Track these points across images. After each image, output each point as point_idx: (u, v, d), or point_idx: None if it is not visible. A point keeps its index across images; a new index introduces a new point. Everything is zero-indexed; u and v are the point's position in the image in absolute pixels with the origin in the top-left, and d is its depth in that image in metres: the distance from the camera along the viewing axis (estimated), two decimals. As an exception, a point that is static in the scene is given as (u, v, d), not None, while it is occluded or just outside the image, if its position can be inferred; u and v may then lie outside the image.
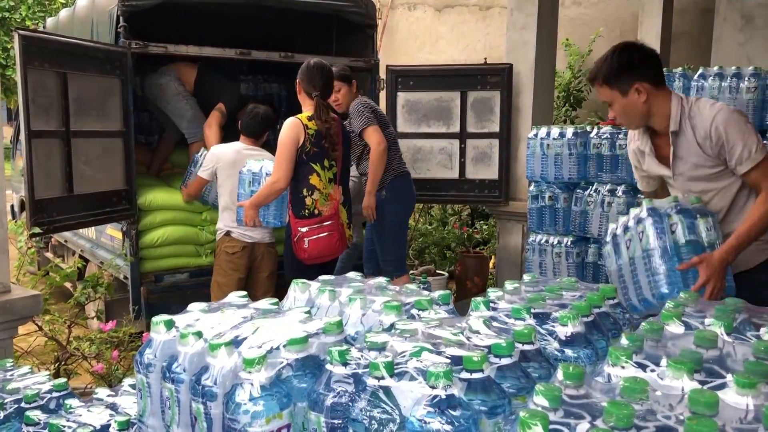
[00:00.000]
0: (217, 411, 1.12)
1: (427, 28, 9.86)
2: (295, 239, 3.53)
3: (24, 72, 3.65)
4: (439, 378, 1.00)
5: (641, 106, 2.45)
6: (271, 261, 4.22)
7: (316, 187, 3.53)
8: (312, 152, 3.52)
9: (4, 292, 2.33)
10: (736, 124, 2.34)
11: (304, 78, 3.64)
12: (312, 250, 3.52)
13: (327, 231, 3.53)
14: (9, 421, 1.75)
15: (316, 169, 3.54)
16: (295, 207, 3.57)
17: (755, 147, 2.31)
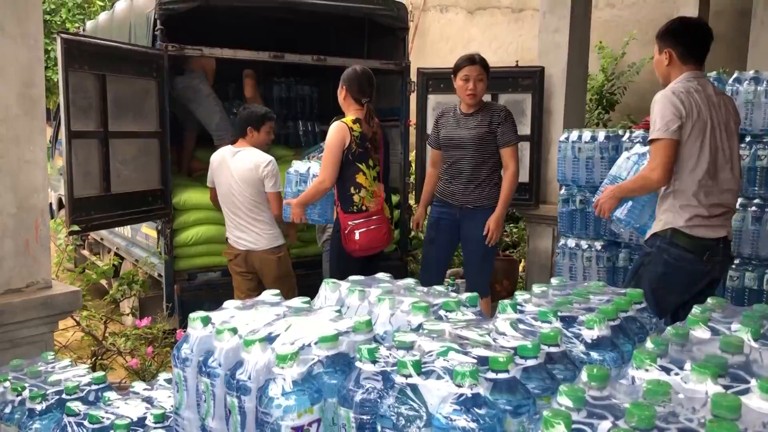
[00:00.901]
0: (250, 405, 1.16)
1: (458, 31, 9.86)
2: (346, 232, 3.75)
3: (65, 74, 3.76)
4: (465, 377, 1.03)
5: (664, 68, 2.97)
6: (271, 266, 4.07)
7: (363, 185, 3.76)
8: (357, 153, 3.74)
9: (45, 288, 2.41)
10: (660, 103, 2.83)
11: (353, 85, 3.82)
12: (362, 242, 3.75)
13: (375, 224, 3.81)
14: (51, 411, 1.82)
15: (362, 168, 3.76)
16: (344, 204, 3.78)
17: (657, 126, 2.80)
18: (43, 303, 2.36)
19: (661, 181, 2.82)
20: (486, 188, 3.97)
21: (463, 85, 3.92)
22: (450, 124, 4.05)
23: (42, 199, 2.40)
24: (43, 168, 2.41)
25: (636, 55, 7.29)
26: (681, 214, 2.81)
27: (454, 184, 4.01)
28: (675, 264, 2.83)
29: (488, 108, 4.00)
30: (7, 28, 2.27)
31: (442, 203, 4.10)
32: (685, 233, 2.81)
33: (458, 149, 3.98)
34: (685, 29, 2.96)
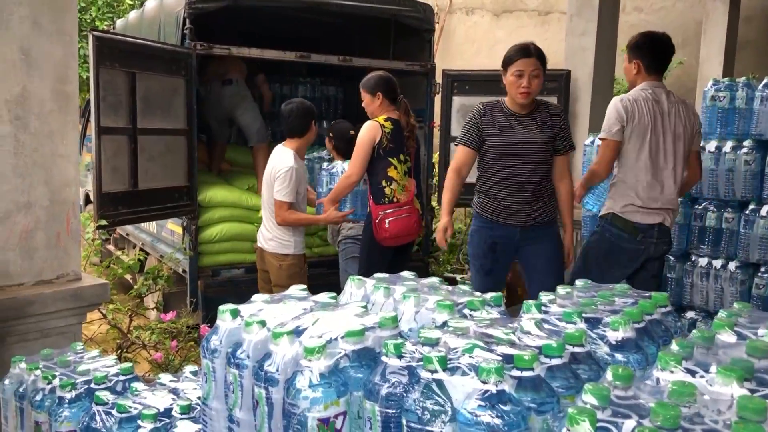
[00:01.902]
0: (278, 396, 1.18)
1: (484, 33, 9.85)
2: (377, 221, 3.85)
3: (96, 71, 3.83)
4: (490, 373, 1.04)
5: (632, 76, 3.42)
6: (273, 271, 4.01)
7: (394, 178, 3.87)
8: (389, 148, 3.87)
9: (75, 280, 2.46)
10: (609, 108, 3.32)
11: (387, 88, 4.00)
12: (393, 229, 3.84)
13: (405, 213, 3.91)
14: (80, 399, 1.86)
15: (393, 162, 3.88)
16: (376, 196, 3.90)
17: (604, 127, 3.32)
18: (72, 294, 2.41)
19: (602, 174, 3.39)
20: (549, 201, 3.45)
21: (515, 81, 3.30)
22: (502, 126, 3.38)
23: (73, 192, 2.45)
24: (75, 162, 2.46)
25: (663, 60, 7.22)
26: (618, 201, 3.33)
27: (513, 200, 3.37)
28: (613, 242, 3.36)
29: (545, 108, 3.45)
30: (44, 24, 2.32)
31: (493, 223, 3.43)
32: (621, 217, 3.32)
33: (516, 158, 3.35)
34: (654, 43, 3.40)
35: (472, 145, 3.47)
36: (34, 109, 2.32)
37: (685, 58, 7.19)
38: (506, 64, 3.35)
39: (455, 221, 7.83)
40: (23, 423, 1.95)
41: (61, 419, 1.83)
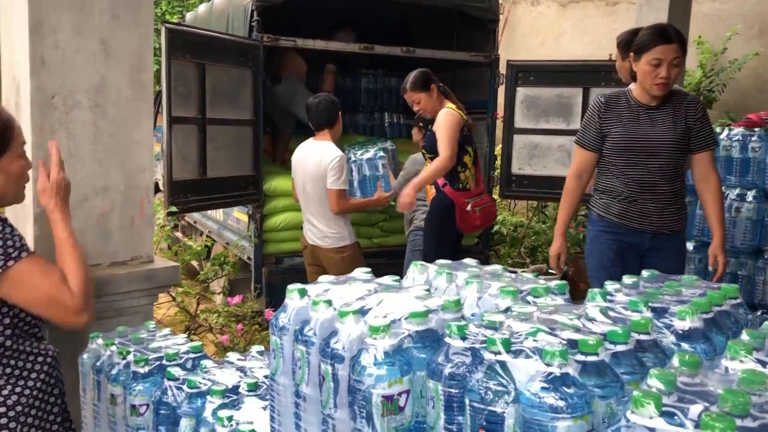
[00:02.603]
0: (343, 373, 1.21)
1: (549, 24, 9.69)
2: (467, 209, 4.01)
3: (168, 62, 3.96)
4: (555, 356, 1.04)
5: (627, 73, 3.45)
6: (335, 265, 4.00)
7: (468, 165, 4.07)
8: (465, 136, 4.11)
9: (148, 262, 2.56)
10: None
11: (435, 80, 4.16)
12: (483, 217, 4.10)
13: (488, 201, 4.20)
14: (152, 375, 1.95)
15: (468, 150, 4.12)
16: (452, 181, 4.06)
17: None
18: (145, 276, 2.50)
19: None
20: (681, 206, 3.15)
21: (651, 71, 2.94)
22: (628, 119, 3.08)
23: (147, 178, 2.55)
24: (149, 149, 2.56)
25: (738, 51, 6.95)
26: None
27: (643, 203, 3.07)
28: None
29: (678, 98, 3.07)
30: (121, 15, 2.42)
31: (620, 228, 3.11)
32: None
33: (646, 155, 3.04)
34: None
35: (592, 146, 3.16)
36: (111, 96, 2.42)
37: (761, 48, 6.90)
38: (640, 50, 2.98)
39: (516, 214, 7.76)
40: (100, 395, 2.05)
41: (135, 393, 1.92)
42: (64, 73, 2.30)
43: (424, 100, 4.10)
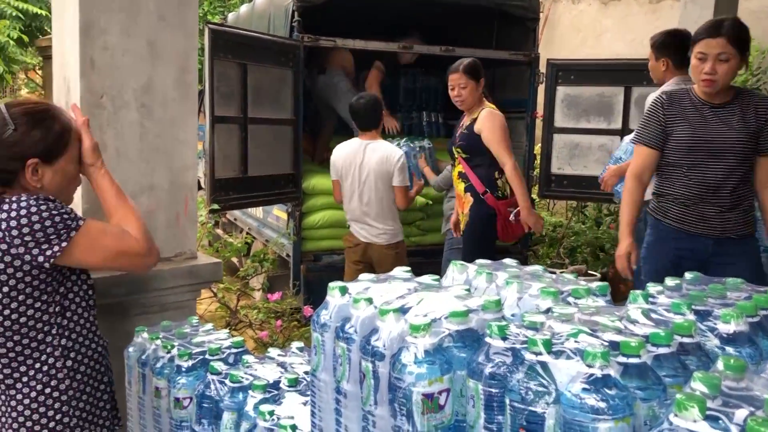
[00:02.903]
0: (384, 370, 1.23)
1: (591, 22, 9.56)
2: (511, 218, 3.96)
3: (211, 62, 4.03)
4: (596, 357, 1.04)
5: (661, 73, 3.72)
6: (389, 261, 4.04)
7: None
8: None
9: (191, 258, 2.62)
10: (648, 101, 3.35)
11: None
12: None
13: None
14: (195, 369, 2.00)
15: None
16: (491, 188, 4.02)
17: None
18: (189, 271, 2.56)
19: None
20: (748, 209, 3.00)
21: (697, 65, 2.86)
22: (691, 117, 2.94)
23: (192, 176, 2.60)
24: (193, 148, 2.61)
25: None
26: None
27: (704, 206, 2.93)
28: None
29: (745, 97, 2.94)
30: (168, 17, 2.48)
31: (679, 233, 2.99)
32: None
33: (709, 156, 2.90)
34: (679, 41, 3.58)
35: (654, 142, 3.01)
36: (157, 97, 2.48)
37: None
38: (692, 44, 2.91)
39: (554, 214, 7.69)
40: (145, 388, 2.10)
41: (178, 386, 1.97)
42: (112, 73, 2.37)
43: (470, 88, 3.94)
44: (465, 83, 3.93)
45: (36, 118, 1.73)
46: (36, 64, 13.49)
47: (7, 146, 1.68)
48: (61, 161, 1.78)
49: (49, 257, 1.65)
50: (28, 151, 1.70)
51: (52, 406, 1.75)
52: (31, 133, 1.71)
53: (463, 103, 4.00)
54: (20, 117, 1.70)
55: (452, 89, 4.01)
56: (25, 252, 1.64)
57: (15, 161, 1.70)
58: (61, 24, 2.43)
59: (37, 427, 1.73)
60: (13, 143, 1.68)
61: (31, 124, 1.71)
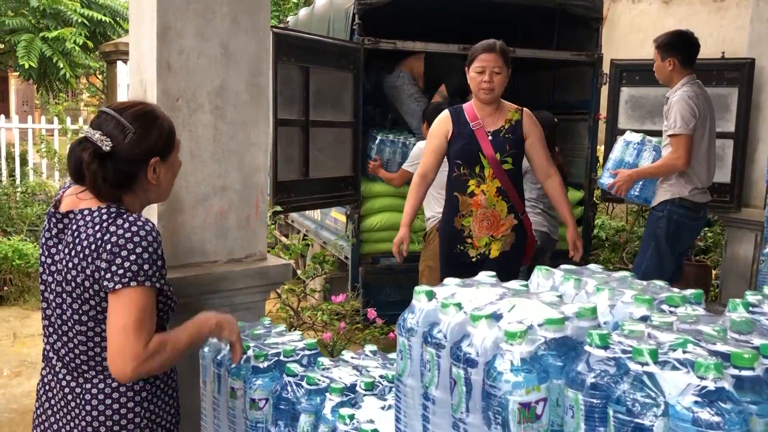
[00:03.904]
0: (477, 377, 1.20)
1: (651, 22, 9.33)
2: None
3: (275, 66, 4.06)
4: (709, 369, 1.00)
5: (667, 73, 3.83)
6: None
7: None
8: None
9: (261, 259, 2.64)
10: (679, 104, 3.68)
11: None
12: None
13: None
14: (270, 370, 2.00)
15: None
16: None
17: (678, 123, 3.67)
18: (259, 273, 2.58)
19: (685, 167, 3.74)
20: None
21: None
22: None
23: (262, 178, 2.62)
24: (264, 150, 2.63)
25: None
26: (686, 186, 3.80)
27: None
28: (681, 221, 3.83)
29: None
30: (241, 21, 2.50)
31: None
32: (689, 199, 3.81)
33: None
34: (684, 41, 3.82)
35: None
36: (230, 100, 2.50)
37: None
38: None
39: (614, 218, 7.52)
40: (220, 388, 2.12)
41: (254, 387, 1.97)
42: (188, 76, 2.40)
43: (504, 76, 3.28)
44: (500, 68, 3.25)
45: (149, 119, 1.77)
46: (98, 68, 13.89)
47: (131, 149, 1.71)
48: (172, 156, 1.83)
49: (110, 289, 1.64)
50: (150, 151, 1.75)
51: (125, 405, 1.77)
52: (150, 133, 1.75)
53: (493, 93, 3.26)
54: (135, 120, 1.73)
55: (481, 72, 3.24)
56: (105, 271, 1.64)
57: (140, 162, 1.74)
58: (138, 28, 2.48)
59: (109, 423, 1.75)
60: (136, 145, 1.72)
61: (147, 126, 1.75)
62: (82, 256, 1.66)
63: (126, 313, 1.63)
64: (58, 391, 1.75)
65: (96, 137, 1.69)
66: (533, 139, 3.37)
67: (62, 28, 10.99)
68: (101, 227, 1.67)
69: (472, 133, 3.29)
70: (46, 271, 1.79)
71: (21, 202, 7.49)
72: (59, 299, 1.73)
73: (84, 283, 1.66)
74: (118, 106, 1.78)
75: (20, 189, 7.91)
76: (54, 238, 1.77)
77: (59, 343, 1.76)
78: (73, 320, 1.71)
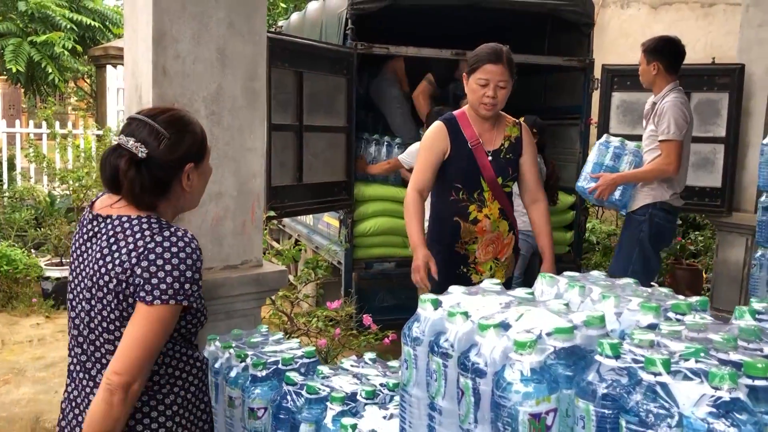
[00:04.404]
0: (485, 387, 1.19)
1: (640, 27, 9.37)
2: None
3: (269, 70, 4.02)
4: (724, 380, 0.99)
5: (651, 77, 3.88)
6: None
7: None
8: None
9: (257, 266, 2.61)
10: (672, 110, 3.71)
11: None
12: None
13: None
14: (269, 379, 1.98)
15: None
16: None
17: (672, 129, 3.70)
18: (255, 279, 2.55)
19: (675, 173, 3.79)
20: None
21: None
22: None
23: (258, 183, 2.60)
24: (261, 155, 2.61)
25: None
26: (667, 191, 3.86)
27: None
28: (662, 224, 3.90)
29: None
30: (237, 25, 2.49)
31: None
32: (669, 203, 3.89)
33: None
34: (670, 47, 3.87)
35: None
36: (226, 105, 2.49)
37: None
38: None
39: (604, 222, 7.54)
40: (218, 397, 2.09)
41: (253, 396, 1.95)
42: (183, 81, 2.38)
43: (509, 89, 2.96)
44: (506, 82, 2.89)
45: (181, 124, 1.73)
46: (86, 72, 13.80)
47: (167, 155, 1.67)
48: (205, 162, 1.79)
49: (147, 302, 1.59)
50: (185, 157, 1.71)
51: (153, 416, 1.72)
52: (184, 139, 1.71)
53: (495, 109, 2.96)
54: (169, 126, 1.69)
55: (485, 86, 2.88)
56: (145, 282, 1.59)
57: (175, 168, 1.69)
58: (133, 33, 2.46)
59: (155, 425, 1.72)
60: (171, 151, 1.67)
61: (181, 131, 1.71)
62: (119, 263, 1.61)
63: (153, 331, 1.59)
64: (86, 406, 1.68)
65: (130, 144, 1.64)
66: (527, 157, 3.11)
67: (50, 32, 10.92)
68: (143, 236, 1.62)
69: (471, 153, 2.98)
70: (74, 274, 1.74)
71: (9, 207, 7.40)
72: (87, 305, 1.68)
73: (116, 288, 1.61)
74: (149, 112, 1.73)
75: (8, 194, 7.81)
76: (88, 242, 1.72)
77: (84, 356, 1.71)
78: (101, 327, 1.66)
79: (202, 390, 1.80)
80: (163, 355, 1.70)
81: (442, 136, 3.02)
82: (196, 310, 1.71)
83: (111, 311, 1.64)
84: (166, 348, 1.71)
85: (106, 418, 1.58)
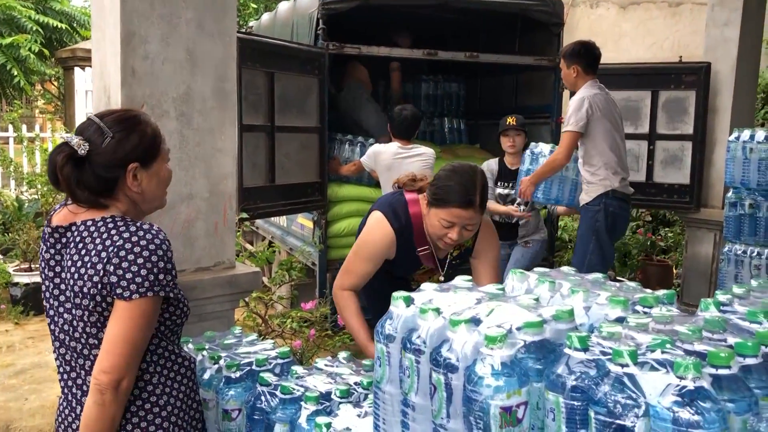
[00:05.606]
0: (457, 382, 1.20)
1: (609, 26, 9.51)
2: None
3: (239, 71, 4.00)
4: (688, 369, 1.01)
5: (573, 79, 4.15)
6: None
7: None
8: None
9: (230, 267, 2.60)
10: (574, 104, 4.01)
11: None
12: None
13: None
14: (243, 380, 1.98)
15: None
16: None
17: (571, 120, 3.98)
18: (228, 281, 2.54)
19: (564, 162, 4.11)
20: None
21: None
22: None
23: (230, 185, 2.59)
24: (232, 156, 2.60)
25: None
26: (613, 179, 4.02)
27: None
28: (617, 213, 4.06)
29: None
30: (206, 25, 2.47)
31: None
32: (620, 191, 4.05)
33: None
34: (587, 50, 4.12)
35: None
36: (196, 106, 2.47)
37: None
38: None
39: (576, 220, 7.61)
40: (191, 399, 2.08)
41: (227, 398, 1.95)
42: (152, 82, 2.36)
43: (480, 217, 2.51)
44: (474, 225, 2.47)
45: (129, 124, 1.73)
46: (53, 74, 13.59)
47: (108, 154, 1.67)
48: (156, 164, 1.77)
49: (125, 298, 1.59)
50: (128, 157, 1.70)
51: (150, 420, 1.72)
52: (129, 138, 1.70)
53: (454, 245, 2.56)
54: (115, 125, 1.70)
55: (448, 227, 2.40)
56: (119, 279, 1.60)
57: (117, 168, 1.69)
58: (101, 34, 2.43)
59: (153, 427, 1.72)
60: (113, 150, 1.68)
61: (126, 130, 1.71)
62: (90, 265, 1.61)
63: (137, 325, 1.61)
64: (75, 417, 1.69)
65: (74, 141, 1.65)
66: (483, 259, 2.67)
67: (16, 34, 10.73)
68: (110, 235, 1.63)
69: (417, 258, 2.65)
70: (50, 289, 1.74)
71: (-26, 211, 7.27)
72: (68, 315, 1.68)
73: (91, 291, 1.61)
74: (102, 112, 1.76)
75: (-27, 199, 7.67)
76: (57, 255, 1.72)
77: (74, 373, 1.71)
78: (86, 333, 1.65)
79: (193, 389, 1.81)
80: (152, 353, 1.71)
81: (389, 242, 2.56)
82: (177, 301, 1.72)
83: (90, 314, 1.64)
84: (154, 346, 1.71)
85: (100, 419, 1.59)
